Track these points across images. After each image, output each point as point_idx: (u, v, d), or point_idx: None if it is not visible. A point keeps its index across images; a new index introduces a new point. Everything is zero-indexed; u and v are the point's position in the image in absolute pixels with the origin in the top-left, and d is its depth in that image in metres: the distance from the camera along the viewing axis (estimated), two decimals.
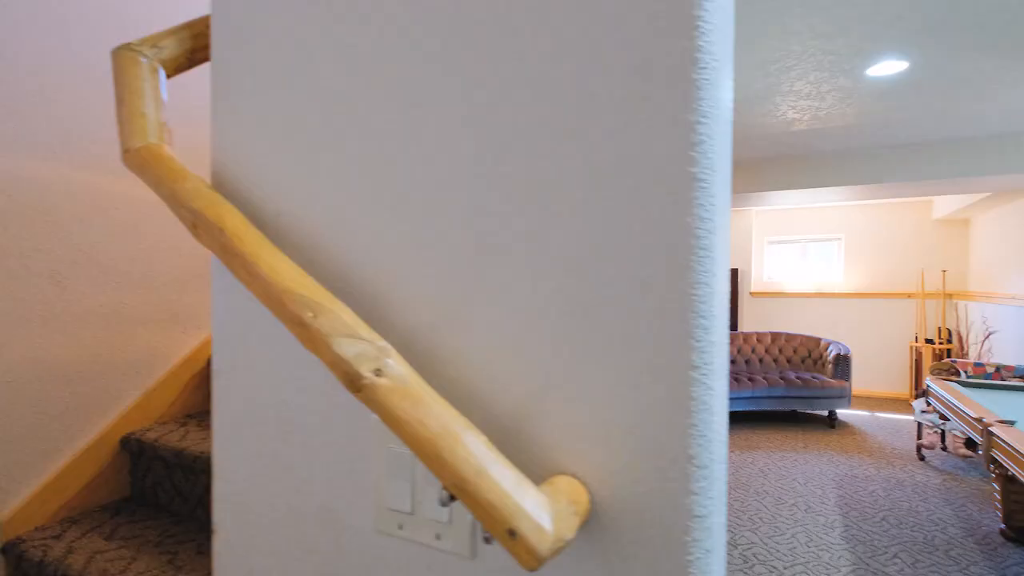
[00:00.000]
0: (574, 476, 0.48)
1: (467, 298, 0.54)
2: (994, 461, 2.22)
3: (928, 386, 3.28)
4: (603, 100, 0.46)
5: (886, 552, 2.84)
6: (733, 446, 4.64)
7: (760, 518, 3.25)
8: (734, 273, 6.80)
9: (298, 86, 0.65)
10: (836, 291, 6.85)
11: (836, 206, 6.87)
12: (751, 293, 7.17)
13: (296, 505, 0.66)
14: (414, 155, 0.57)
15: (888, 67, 2.54)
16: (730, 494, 3.61)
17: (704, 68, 0.43)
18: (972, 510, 3.34)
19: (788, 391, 5.17)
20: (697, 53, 0.42)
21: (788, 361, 5.88)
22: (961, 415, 2.64)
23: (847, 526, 3.14)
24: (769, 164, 4.56)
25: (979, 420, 2.40)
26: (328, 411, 0.63)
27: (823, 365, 5.56)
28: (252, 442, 0.70)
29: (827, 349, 5.57)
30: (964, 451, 4.35)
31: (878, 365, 6.59)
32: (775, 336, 6.04)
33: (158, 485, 1.49)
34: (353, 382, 0.49)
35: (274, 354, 0.68)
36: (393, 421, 0.47)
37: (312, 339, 0.52)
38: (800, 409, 5.24)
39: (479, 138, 0.53)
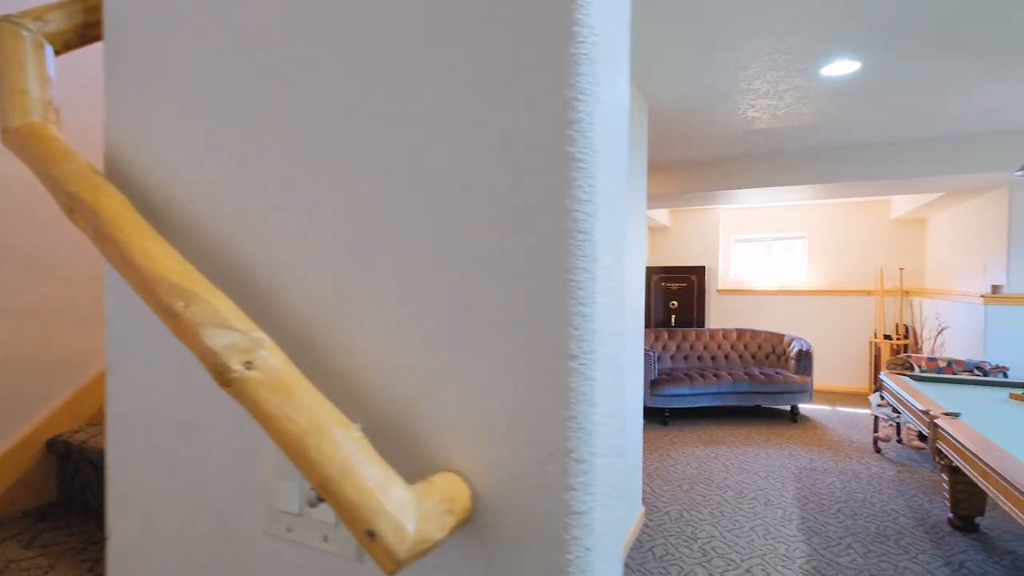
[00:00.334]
0: (458, 473, 0.46)
1: (354, 289, 0.51)
2: (939, 452, 2.29)
3: (882, 380, 3.37)
4: (476, 73, 0.44)
5: (840, 543, 2.90)
6: (698, 441, 4.71)
7: (721, 512, 3.29)
8: (701, 271, 6.89)
9: (193, 67, 0.61)
10: (800, 288, 7.00)
11: (800, 205, 7.02)
12: (718, 291, 7.28)
13: (189, 507, 0.62)
14: (305, 142, 0.54)
15: (841, 67, 2.59)
16: (693, 489, 3.65)
17: (583, 42, 0.41)
18: (923, 500, 3.44)
19: (752, 386, 5.26)
20: (575, 27, 0.40)
21: (753, 357, 5.98)
22: (910, 408, 2.71)
23: (804, 518, 3.20)
24: (733, 163, 4.62)
25: (926, 413, 2.47)
26: (221, 409, 0.60)
27: (786, 361, 5.67)
28: (146, 442, 0.66)
29: (790, 345, 5.69)
30: (917, 443, 4.49)
31: (839, 360, 6.76)
32: (740, 333, 6.14)
33: (87, 489, 1.42)
34: (221, 374, 0.46)
35: (168, 349, 0.64)
36: (261, 416, 0.44)
37: (182, 329, 0.48)
38: (764, 404, 5.34)
39: (363, 123, 0.50)
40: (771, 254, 7.31)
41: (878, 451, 4.41)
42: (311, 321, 0.54)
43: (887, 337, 6.38)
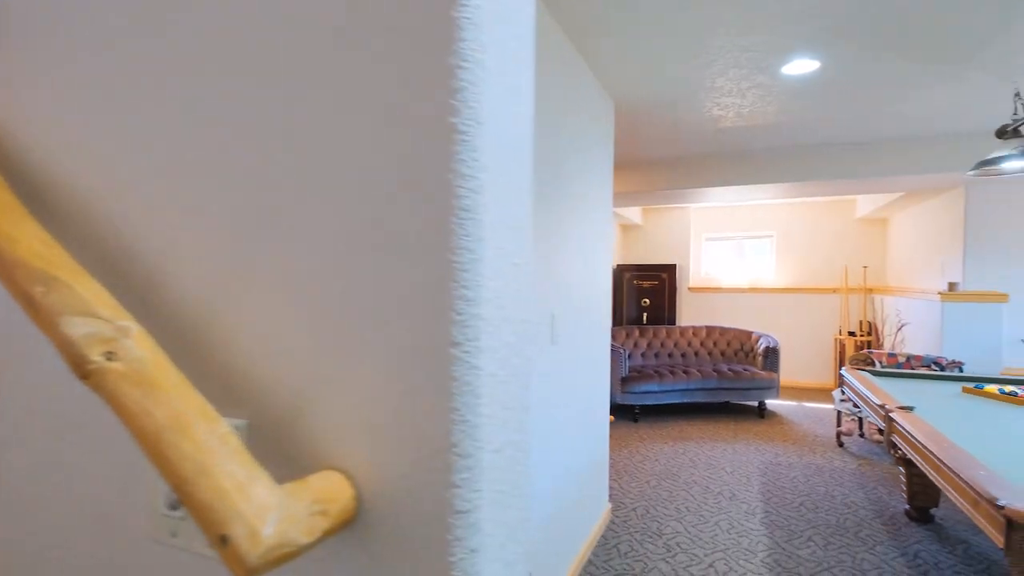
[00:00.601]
0: (342, 471, 0.43)
1: (238, 277, 0.47)
2: (894, 445, 2.33)
3: (843, 376, 3.43)
4: (356, 38, 0.41)
5: (801, 536, 2.94)
6: (668, 437, 4.74)
7: (687, 507, 3.31)
8: (672, 269, 6.95)
9: (78, 50, 0.56)
10: (768, 286, 7.11)
11: (768, 205, 7.14)
12: (689, 288, 7.36)
13: (73, 510, 0.58)
14: (189, 128, 0.50)
15: (801, 66, 2.62)
16: (660, 485, 3.66)
17: (465, 6, 0.38)
18: (882, 493, 3.52)
19: (720, 383, 5.33)
20: None
21: (722, 354, 6.06)
22: (868, 402, 2.76)
23: (767, 512, 3.24)
24: (701, 161, 4.66)
25: (882, 406, 2.52)
26: (104, 406, 0.55)
27: (754, 358, 5.75)
28: (30, 441, 0.61)
29: (757, 342, 5.77)
30: (878, 437, 4.59)
31: (805, 357, 6.89)
32: (710, 330, 6.21)
33: None
34: (79, 366, 0.42)
35: (46, 342, 0.59)
36: (120, 411, 0.40)
37: (41, 317, 0.44)
38: (732, 400, 5.41)
39: (245, 110, 0.46)
40: (741, 253, 7.42)
41: (841, 445, 4.51)
42: (195, 310, 0.50)
43: (851, 334, 6.53)
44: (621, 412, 5.62)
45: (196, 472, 0.36)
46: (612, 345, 5.30)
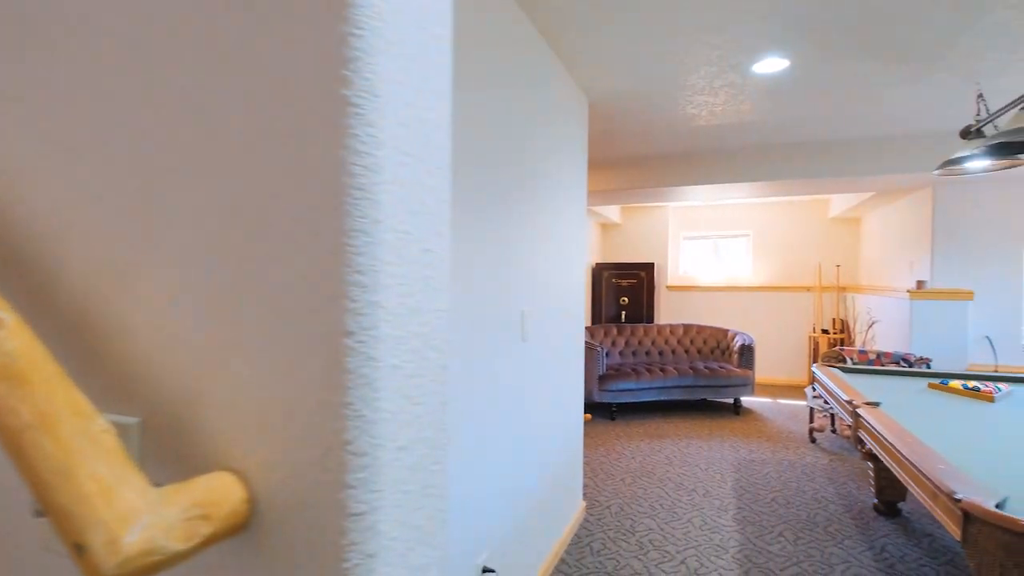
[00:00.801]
0: (235, 472, 0.40)
1: (130, 264, 0.44)
2: (860, 440, 2.36)
3: (814, 373, 3.47)
4: (237, 1, 0.38)
5: (772, 531, 2.97)
6: (644, 435, 4.76)
7: (661, 504, 3.32)
8: (651, 267, 6.99)
9: None
10: (744, 285, 7.19)
11: (745, 204, 7.21)
12: (667, 287, 7.41)
13: None
14: (76, 107, 0.46)
15: (771, 64, 2.63)
16: (635, 482, 3.67)
17: None
18: (852, 488, 3.57)
19: (697, 380, 5.36)
20: None
21: (699, 352, 6.10)
22: (837, 398, 2.79)
23: (740, 508, 3.27)
24: (677, 160, 4.69)
25: (849, 402, 2.55)
26: None
27: (730, 355, 5.80)
28: None
29: (733, 340, 5.82)
30: (849, 433, 4.66)
31: (781, 354, 6.98)
32: (687, 328, 6.25)
33: None
34: None
35: None
36: None
37: None
38: (709, 397, 5.45)
39: (139, 87, 0.43)
40: (718, 251, 7.49)
41: (813, 441, 4.57)
42: (87, 301, 0.46)
43: (825, 331, 6.63)
44: (599, 410, 5.63)
45: (56, 474, 0.33)
46: (589, 343, 5.30)
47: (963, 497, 1.42)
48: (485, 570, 1.83)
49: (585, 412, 5.50)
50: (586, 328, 6.06)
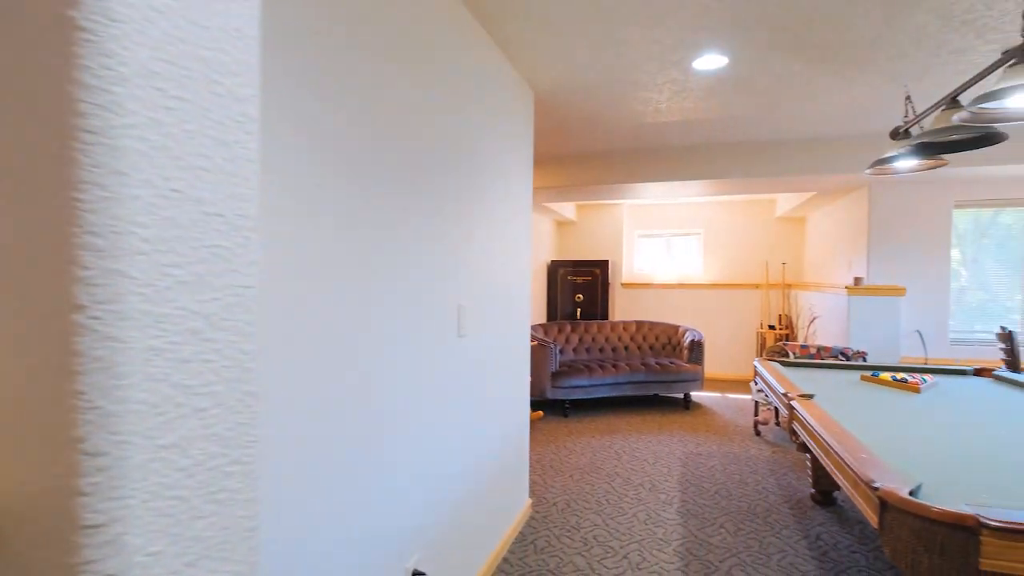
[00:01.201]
0: None
1: None
2: (794, 432, 2.40)
3: (755, 367, 3.54)
4: None
5: (714, 523, 3.01)
6: (596, 431, 4.78)
7: (607, 500, 3.33)
8: (605, 265, 7.04)
9: None
10: (696, 282, 7.34)
11: (696, 203, 7.36)
12: (622, 284, 7.48)
13: None
14: None
15: (711, 61, 2.66)
16: (583, 478, 3.67)
17: None
18: (791, 478, 3.67)
19: (648, 376, 5.42)
20: None
21: (651, 348, 6.18)
22: (774, 391, 2.85)
23: (684, 501, 3.30)
24: (626, 156, 4.72)
25: (785, 395, 2.60)
26: None
27: (680, 351, 5.90)
28: None
29: (684, 336, 5.92)
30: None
31: (730, 350, 7.16)
32: (639, 324, 6.33)
33: None
34: None
35: None
36: None
37: None
38: (660, 393, 5.52)
39: None
40: (671, 250, 7.61)
41: (758, 434, 4.68)
42: None
43: (771, 327, 6.83)
44: (552, 407, 5.63)
45: None
46: (542, 340, 5.29)
47: (880, 485, 1.44)
48: (415, 573, 1.77)
49: (538, 409, 5.48)
50: (540, 325, 6.06)
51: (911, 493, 1.41)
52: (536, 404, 5.73)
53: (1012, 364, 3.98)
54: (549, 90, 3.08)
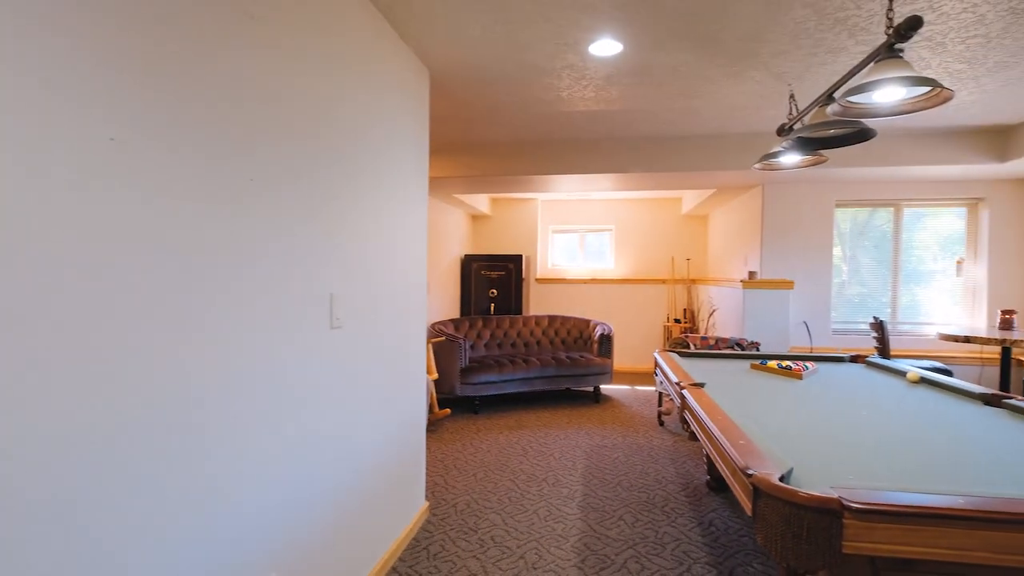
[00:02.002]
0: None
1: None
2: (685, 420, 2.40)
3: (655, 358, 3.58)
4: None
5: (613, 515, 2.99)
6: (504, 427, 4.68)
7: (509, 498, 3.23)
8: (519, 259, 6.99)
9: None
10: (607, 277, 7.47)
11: (609, 199, 7.48)
12: (537, 279, 7.47)
13: None
14: None
15: (606, 47, 2.61)
16: (487, 476, 3.55)
17: None
18: (690, 466, 3.75)
19: (559, 370, 5.41)
20: None
21: (563, 342, 6.19)
22: (670, 381, 2.87)
23: (586, 495, 3.27)
24: (532, 147, 4.66)
25: (678, 384, 2.61)
26: None
27: (591, 345, 5.95)
28: None
29: (595, 330, 5.98)
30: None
31: (639, 343, 7.34)
32: (551, 319, 6.32)
33: None
34: None
35: None
36: None
37: None
38: (572, 387, 5.53)
39: None
40: (584, 245, 7.70)
41: (661, 424, 4.79)
42: None
43: (677, 321, 7.07)
44: (461, 404, 5.48)
45: None
46: (452, 336, 5.13)
47: (753, 472, 1.42)
48: None
49: (446, 407, 5.32)
50: (451, 321, 5.89)
51: (782, 478, 1.39)
52: (445, 402, 5.56)
53: (883, 351, 4.31)
54: (446, 70, 2.92)
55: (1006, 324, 4.23)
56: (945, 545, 1.18)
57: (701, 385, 2.59)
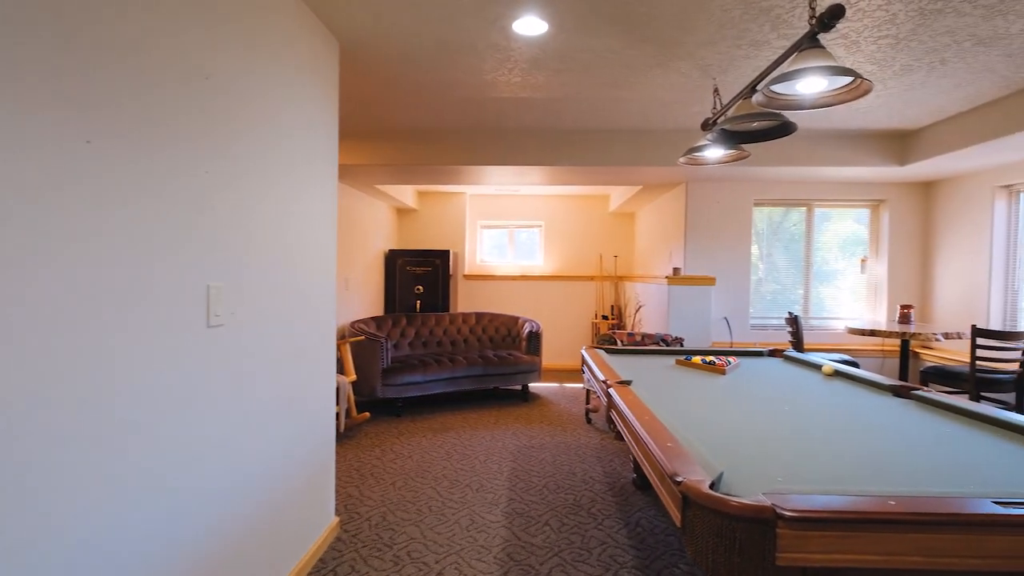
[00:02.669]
0: None
1: None
2: (611, 420, 2.29)
3: (582, 355, 3.48)
4: None
5: (538, 521, 2.85)
6: (428, 430, 4.45)
7: (429, 507, 3.01)
8: (446, 255, 6.75)
9: None
10: (537, 274, 7.38)
11: (539, 195, 7.40)
12: (464, 276, 7.26)
13: None
14: None
15: (531, 25, 2.46)
16: (407, 485, 3.31)
17: None
18: (616, 464, 3.69)
19: (487, 369, 5.24)
20: None
21: (491, 340, 6.03)
22: (596, 379, 2.76)
23: (511, 500, 3.11)
24: (462, 137, 4.45)
25: (604, 382, 2.50)
26: None
27: (520, 342, 5.82)
28: None
29: (523, 327, 5.86)
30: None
31: (568, 339, 7.32)
32: (479, 316, 6.14)
33: None
34: None
35: None
36: None
37: None
38: (500, 385, 5.37)
39: None
40: (513, 241, 7.58)
41: (589, 421, 4.73)
42: None
43: (604, 317, 7.10)
44: (383, 407, 5.18)
45: None
46: (372, 335, 4.83)
47: (683, 479, 1.30)
48: None
49: (365, 410, 5.00)
50: (372, 319, 5.57)
51: (712, 485, 1.28)
52: (364, 405, 5.24)
53: (797, 344, 4.47)
54: (358, 41, 2.66)
55: (904, 318, 4.50)
56: (880, 551, 1.10)
57: (628, 383, 2.50)
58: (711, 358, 3.18)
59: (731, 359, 3.23)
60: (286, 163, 2.13)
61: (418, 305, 6.71)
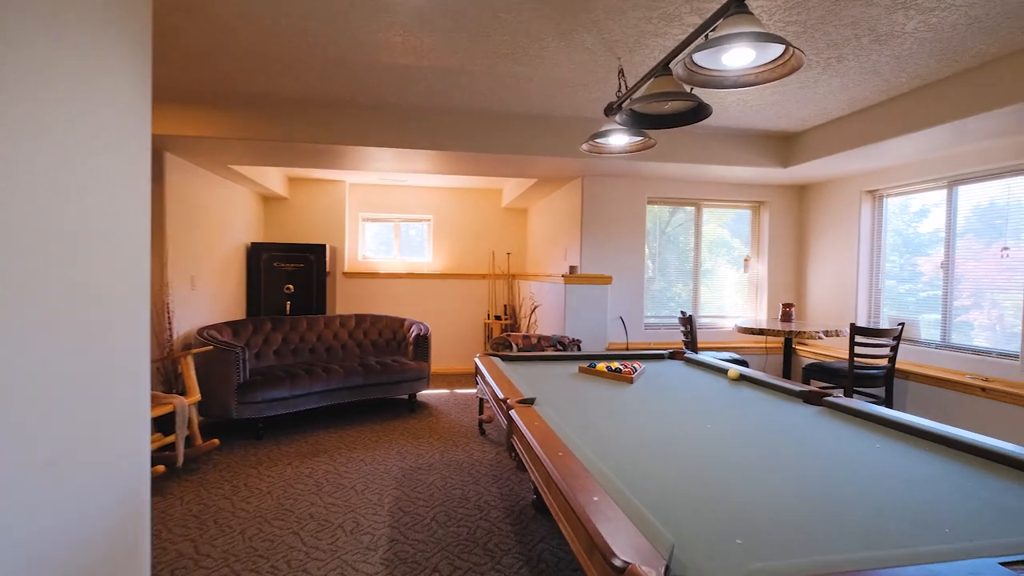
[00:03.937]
0: None
1: None
2: (513, 448, 1.89)
3: (476, 364, 3.07)
4: None
5: (427, 567, 2.38)
6: (295, 455, 3.78)
7: (288, 562, 2.41)
8: (322, 250, 6.00)
9: None
10: (425, 272, 6.86)
11: (427, 187, 6.87)
12: (344, 273, 6.53)
13: None
14: None
15: None
16: (260, 532, 2.67)
17: None
18: (514, 483, 3.32)
19: (367, 379, 4.64)
20: None
21: (373, 345, 5.42)
22: (494, 396, 2.36)
23: (393, 541, 2.61)
24: (334, 110, 3.83)
25: (504, 401, 2.10)
26: None
27: (406, 347, 5.28)
28: None
29: (410, 330, 5.32)
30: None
31: (458, 342, 6.88)
32: (360, 319, 5.50)
33: None
34: None
35: None
36: None
37: None
38: (382, 396, 4.79)
39: None
40: (400, 235, 6.98)
41: (483, 433, 4.34)
42: None
43: (497, 318, 6.76)
44: (239, 430, 4.38)
45: None
46: (223, 344, 4.02)
47: (624, 563, 0.91)
48: None
49: (215, 436, 4.18)
50: (227, 324, 4.71)
51: (667, 570, 0.91)
52: (213, 429, 4.39)
53: (691, 344, 4.42)
54: None
55: (786, 316, 4.63)
56: None
57: (531, 401, 2.12)
58: (616, 364, 2.92)
59: (636, 364, 3.00)
60: (54, 104, 1.45)
61: (288, 307, 5.89)
